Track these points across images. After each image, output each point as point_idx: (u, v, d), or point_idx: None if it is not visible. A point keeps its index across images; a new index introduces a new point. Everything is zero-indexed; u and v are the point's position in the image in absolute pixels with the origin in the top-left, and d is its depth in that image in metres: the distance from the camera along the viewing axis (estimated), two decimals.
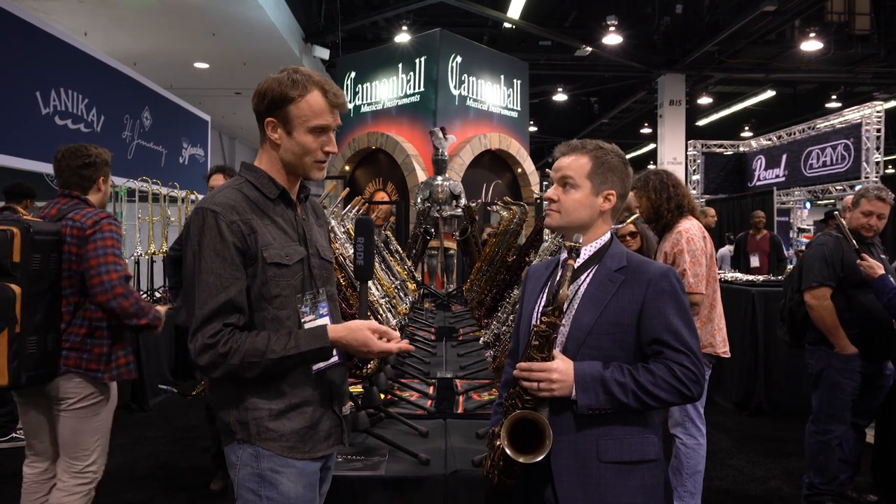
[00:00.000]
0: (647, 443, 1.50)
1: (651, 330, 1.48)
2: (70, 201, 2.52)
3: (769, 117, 16.96)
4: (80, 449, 2.45)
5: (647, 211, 3.10)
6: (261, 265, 1.46)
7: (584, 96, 17.43)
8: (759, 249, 7.96)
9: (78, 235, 2.39)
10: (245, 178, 1.54)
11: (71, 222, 2.41)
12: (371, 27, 12.24)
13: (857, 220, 3.26)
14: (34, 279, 2.25)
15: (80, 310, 2.43)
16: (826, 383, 3.25)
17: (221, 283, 1.41)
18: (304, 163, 1.52)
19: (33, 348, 2.24)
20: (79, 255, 2.40)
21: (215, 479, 3.62)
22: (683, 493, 2.94)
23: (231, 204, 1.46)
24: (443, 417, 2.42)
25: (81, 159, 2.54)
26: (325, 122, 1.50)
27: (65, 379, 2.39)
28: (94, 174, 2.58)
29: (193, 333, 1.40)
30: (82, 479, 2.46)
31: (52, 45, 5.93)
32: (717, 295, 3.08)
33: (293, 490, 1.48)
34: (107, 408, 2.54)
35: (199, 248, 1.42)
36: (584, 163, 1.57)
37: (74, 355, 2.40)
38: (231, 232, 1.43)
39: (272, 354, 1.40)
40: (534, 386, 1.44)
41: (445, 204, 6.59)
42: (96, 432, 2.49)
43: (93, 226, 2.40)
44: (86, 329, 2.43)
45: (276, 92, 1.47)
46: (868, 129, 10.87)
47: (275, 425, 1.47)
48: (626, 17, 11.53)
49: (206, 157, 10.52)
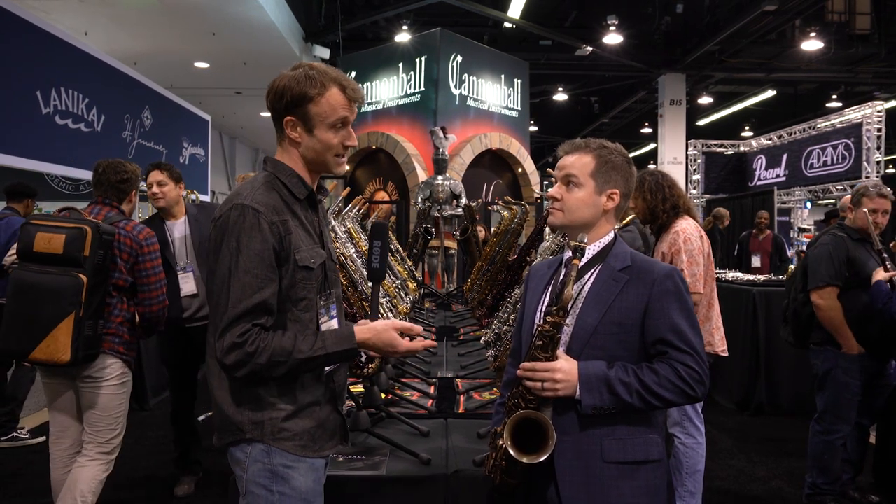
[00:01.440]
0: (651, 443, 1.50)
1: (655, 330, 1.47)
2: (111, 210, 2.85)
3: (770, 117, 16.96)
4: (109, 423, 2.74)
5: (643, 212, 3.10)
6: (292, 268, 1.45)
7: (585, 96, 17.42)
8: (761, 249, 7.97)
9: (131, 246, 2.75)
10: (274, 175, 1.52)
11: (124, 232, 2.74)
12: (371, 27, 12.24)
13: (862, 219, 3.25)
14: (96, 272, 2.55)
15: (119, 303, 2.76)
16: (833, 384, 3.24)
17: (258, 284, 1.39)
18: (325, 159, 1.53)
19: (89, 331, 2.55)
20: (129, 263, 2.75)
21: (179, 485, 3.57)
22: (683, 493, 2.94)
23: (273, 204, 1.45)
24: (444, 417, 2.41)
25: (120, 175, 2.88)
26: (346, 114, 1.51)
27: (103, 357, 2.69)
28: (128, 188, 2.93)
29: (222, 332, 1.38)
30: (107, 448, 2.75)
31: (53, 45, 5.92)
32: (715, 294, 3.09)
33: (304, 484, 1.48)
34: (128, 390, 2.84)
35: (238, 246, 1.40)
36: (588, 161, 1.57)
37: (110, 339, 2.71)
38: (272, 233, 1.42)
39: (299, 354, 1.39)
40: (537, 386, 1.44)
41: (446, 203, 6.59)
42: (121, 408, 2.79)
43: (145, 242, 2.79)
44: (120, 318, 2.76)
45: (295, 91, 1.46)
46: (869, 128, 10.86)
47: (289, 425, 1.46)
48: (627, 16, 11.53)
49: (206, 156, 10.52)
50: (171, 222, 3.48)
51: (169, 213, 3.47)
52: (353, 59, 9.87)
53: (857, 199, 3.28)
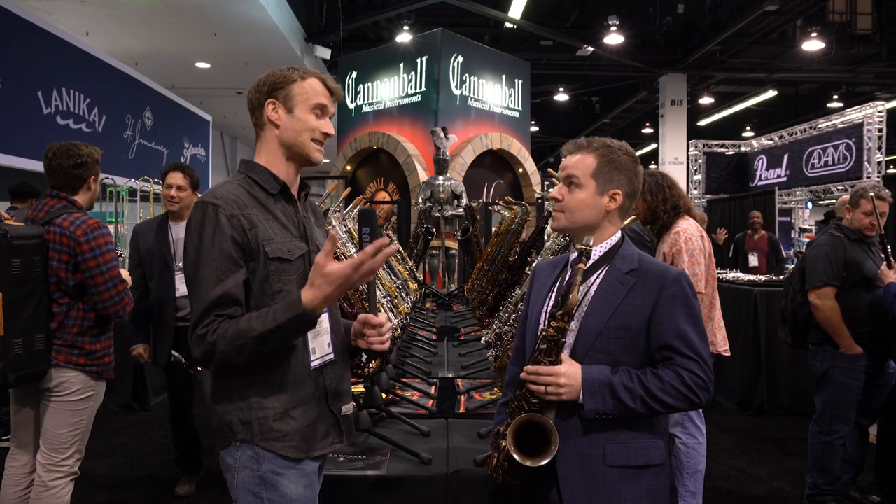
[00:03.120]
0: (654, 447, 1.49)
1: (661, 335, 1.46)
2: (58, 203, 2.52)
3: (771, 117, 16.95)
4: (60, 441, 2.48)
5: (644, 212, 3.10)
6: (263, 260, 1.45)
7: (586, 96, 17.42)
8: (757, 249, 7.96)
9: (67, 244, 2.42)
10: (245, 174, 1.54)
11: (59, 229, 2.42)
12: (372, 27, 12.25)
13: (860, 221, 3.25)
14: (15, 283, 2.27)
15: (71, 310, 2.48)
16: (831, 384, 3.24)
17: (218, 277, 1.40)
18: (304, 141, 1.53)
19: (19, 349, 2.27)
20: (70, 265, 2.43)
21: (180, 485, 3.60)
22: (685, 493, 2.94)
23: (232, 198, 1.45)
24: (444, 417, 2.41)
25: (73, 159, 2.53)
26: (325, 102, 1.54)
27: (59, 371, 2.45)
28: (85, 173, 2.58)
29: (192, 328, 1.40)
30: (57, 473, 2.48)
31: (54, 45, 5.94)
32: (716, 293, 3.10)
33: (294, 491, 1.47)
34: (92, 405, 2.58)
35: (200, 241, 1.42)
36: (590, 162, 1.55)
37: (66, 351, 2.46)
38: (231, 226, 1.42)
39: (252, 332, 1.35)
40: (541, 389, 1.43)
41: (447, 204, 6.58)
42: (77, 427, 2.52)
43: (84, 238, 2.43)
44: (77, 328, 2.49)
45: (279, 76, 1.53)
46: (870, 128, 10.85)
47: (279, 425, 1.46)
48: (628, 16, 11.53)
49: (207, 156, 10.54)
50: (176, 223, 3.48)
51: (178, 215, 3.47)
52: (354, 59, 9.87)
53: (856, 201, 3.27)
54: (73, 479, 2.54)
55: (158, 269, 3.41)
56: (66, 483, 2.51)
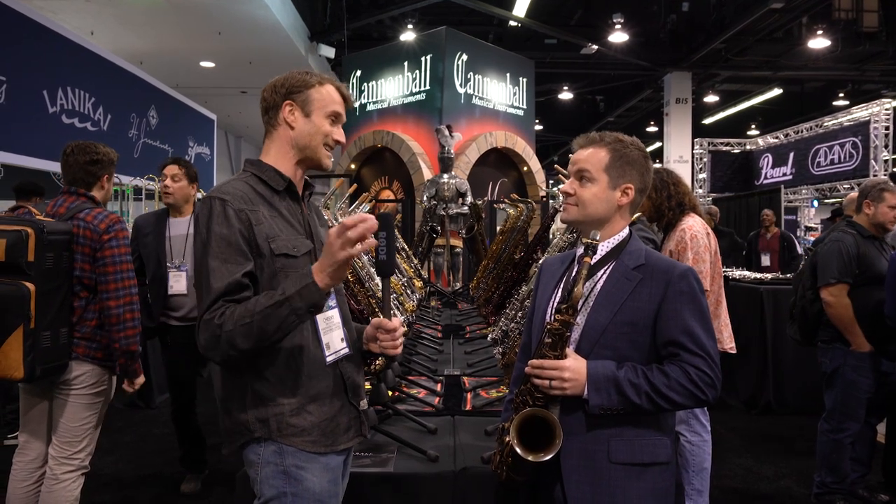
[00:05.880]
0: (659, 445, 1.48)
1: (667, 331, 1.44)
2: (77, 199, 2.58)
3: (776, 115, 16.89)
4: (73, 434, 2.51)
5: (649, 210, 3.10)
6: (269, 257, 1.45)
7: (590, 94, 17.40)
8: (769, 248, 7.91)
9: (91, 237, 2.47)
10: (251, 172, 1.55)
11: (83, 223, 2.48)
12: (377, 25, 12.25)
13: (885, 214, 3.22)
14: (47, 277, 2.33)
15: (91, 304, 2.53)
16: (842, 382, 3.21)
17: (228, 269, 1.40)
18: (316, 145, 1.55)
19: (47, 342, 2.33)
20: (92, 257, 2.48)
21: (186, 483, 3.59)
22: (691, 492, 2.92)
23: (239, 194, 1.46)
24: (451, 414, 2.40)
25: (90, 155, 2.61)
26: (340, 110, 1.58)
27: (78, 364, 2.49)
28: (99, 171, 2.65)
29: (199, 318, 1.39)
30: (69, 466, 2.51)
31: (59, 44, 5.94)
32: (722, 291, 3.09)
33: (318, 485, 1.47)
34: (104, 399, 2.61)
35: (207, 235, 1.42)
36: (602, 156, 1.54)
37: (85, 344, 2.50)
38: (239, 219, 1.43)
39: (259, 307, 1.34)
40: (545, 384, 1.42)
41: (451, 202, 6.57)
42: (90, 420, 2.56)
43: (107, 230, 2.49)
44: (96, 321, 2.53)
45: (297, 79, 1.55)
46: (876, 126, 10.81)
47: (296, 421, 1.45)
48: (633, 14, 11.51)
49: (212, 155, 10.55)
50: (176, 219, 3.48)
51: (176, 209, 3.47)
52: (358, 57, 9.87)
53: (878, 195, 3.23)
54: (83, 473, 2.56)
55: (153, 266, 3.40)
56: (76, 476, 2.53)
